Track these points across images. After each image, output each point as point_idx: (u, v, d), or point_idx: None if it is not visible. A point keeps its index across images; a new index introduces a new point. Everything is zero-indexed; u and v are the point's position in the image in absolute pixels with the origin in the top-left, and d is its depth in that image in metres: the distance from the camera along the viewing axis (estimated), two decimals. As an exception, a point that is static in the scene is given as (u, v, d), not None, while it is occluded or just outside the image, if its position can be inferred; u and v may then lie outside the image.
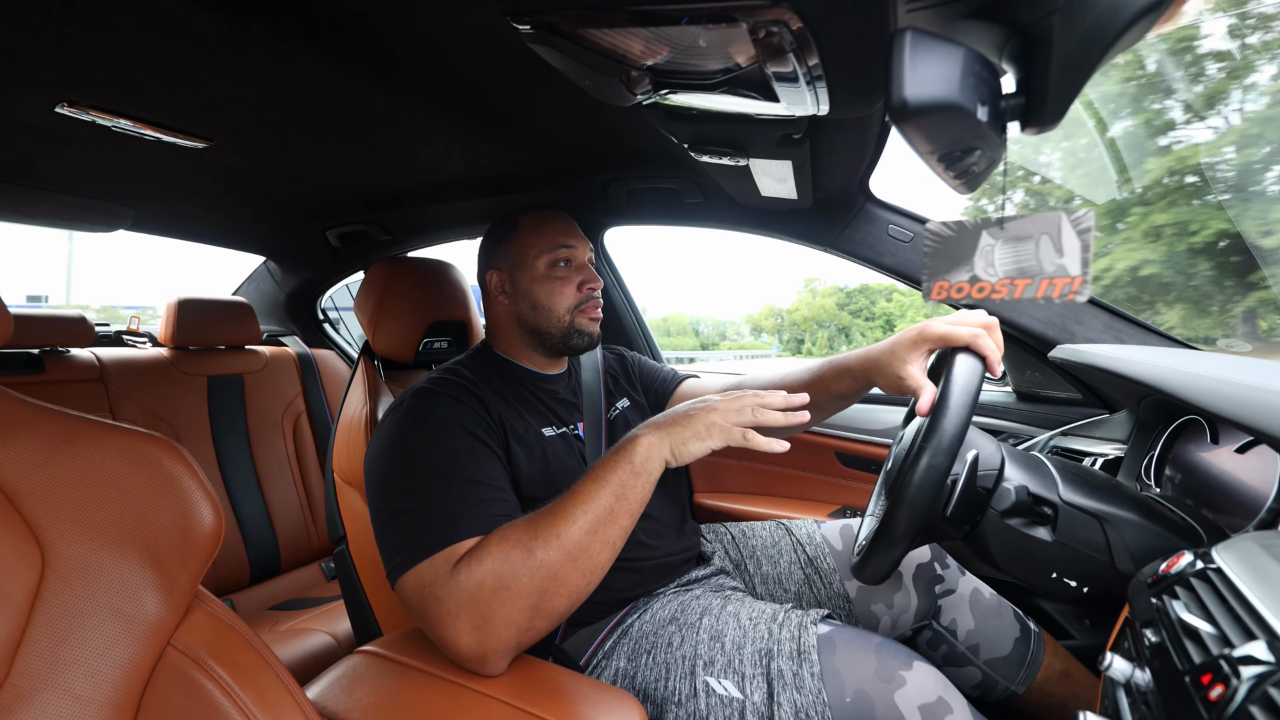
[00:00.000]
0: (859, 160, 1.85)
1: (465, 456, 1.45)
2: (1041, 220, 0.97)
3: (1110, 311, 2.06)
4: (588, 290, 1.77)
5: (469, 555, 1.26)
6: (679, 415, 1.38)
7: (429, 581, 1.26)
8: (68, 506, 0.91)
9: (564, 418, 1.78)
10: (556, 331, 1.76)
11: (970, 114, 0.72)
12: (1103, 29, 0.67)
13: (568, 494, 1.32)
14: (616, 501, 1.29)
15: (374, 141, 1.97)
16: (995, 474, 1.34)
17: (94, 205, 2.45)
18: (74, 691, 0.86)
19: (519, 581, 1.22)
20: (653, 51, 1.11)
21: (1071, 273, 0.96)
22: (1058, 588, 1.31)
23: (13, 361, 2.60)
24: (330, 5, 1.21)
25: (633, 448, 1.34)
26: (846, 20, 0.98)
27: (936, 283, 1.05)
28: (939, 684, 1.32)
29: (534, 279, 1.75)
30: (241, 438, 3.11)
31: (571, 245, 1.77)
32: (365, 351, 2.12)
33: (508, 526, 1.30)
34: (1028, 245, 0.98)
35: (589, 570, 1.27)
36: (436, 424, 1.49)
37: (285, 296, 3.74)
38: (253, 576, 2.94)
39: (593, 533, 1.27)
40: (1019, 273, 0.99)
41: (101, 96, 1.54)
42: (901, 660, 1.34)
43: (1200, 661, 0.81)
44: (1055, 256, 0.96)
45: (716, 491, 2.99)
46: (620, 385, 2.05)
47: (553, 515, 1.28)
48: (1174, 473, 1.61)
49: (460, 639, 1.23)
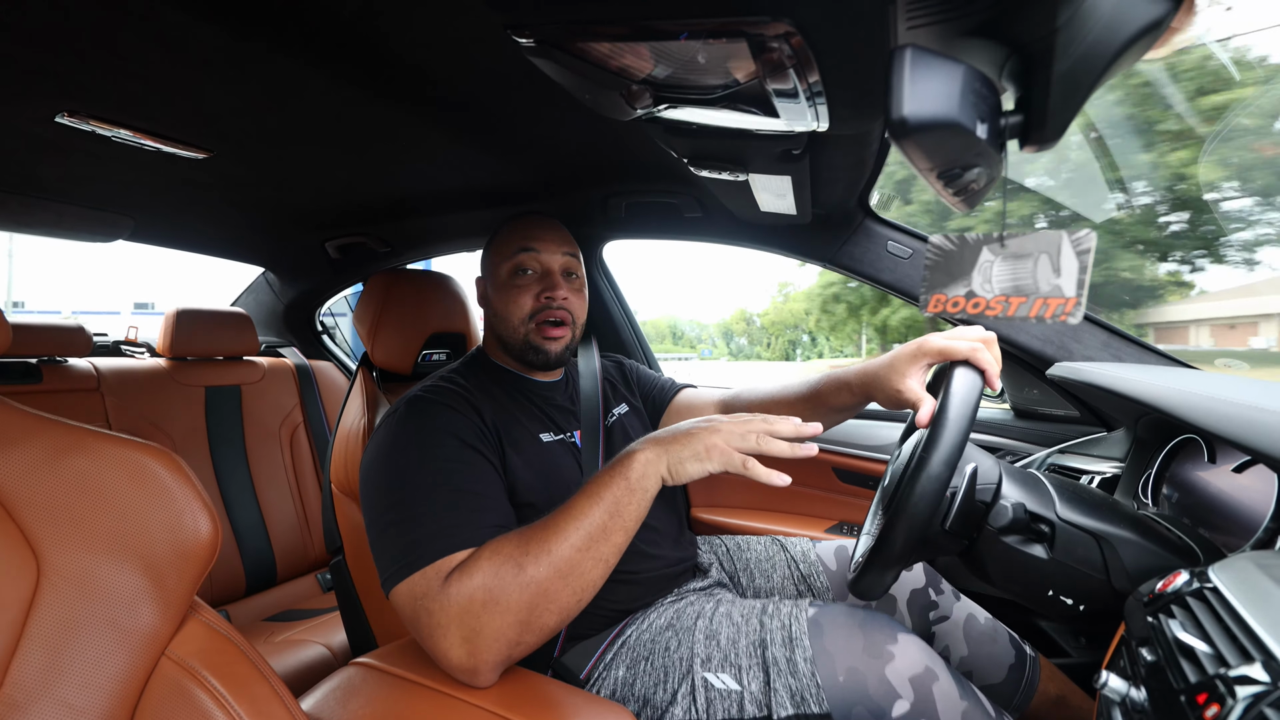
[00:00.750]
0: (858, 176, 1.85)
1: (458, 465, 1.45)
2: (1042, 239, 0.97)
3: (1108, 330, 2.07)
4: (544, 299, 1.72)
5: (461, 568, 1.26)
6: (680, 433, 1.36)
7: (421, 593, 1.26)
8: (64, 516, 0.91)
9: (561, 424, 1.77)
10: (515, 342, 1.74)
11: (969, 131, 0.72)
12: (1102, 48, 0.68)
13: (561, 509, 1.31)
14: (610, 519, 1.28)
15: (373, 153, 1.98)
16: (993, 490, 1.34)
17: (94, 215, 2.45)
18: (68, 702, 0.85)
19: (509, 596, 1.21)
20: (653, 66, 1.11)
21: (1066, 293, 0.96)
22: (1054, 606, 1.31)
23: (10, 370, 2.60)
24: (330, 17, 1.22)
25: (629, 464, 1.32)
26: (847, 37, 0.98)
27: (934, 296, 1.05)
28: (924, 654, 1.35)
29: (497, 286, 1.75)
30: (239, 448, 3.10)
31: (532, 248, 1.72)
32: (364, 363, 2.13)
33: (500, 540, 1.29)
34: (1026, 263, 0.98)
35: (580, 588, 1.27)
36: (429, 432, 1.48)
37: (284, 308, 3.74)
38: (248, 587, 2.94)
39: (585, 550, 1.26)
40: (1014, 290, 0.99)
41: (101, 106, 1.54)
42: (887, 634, 1.36)
43: (1196, 681, 0.81)
44: (1052, 276, 0.97)
45: (713, 505, 2.98)
46: (618, 391, 2.04)
47: (545, 530, 1.27)
48: (1171, 491, 1.61)
49: (451, 651, 1.23)
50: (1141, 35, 0.67)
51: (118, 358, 3.08)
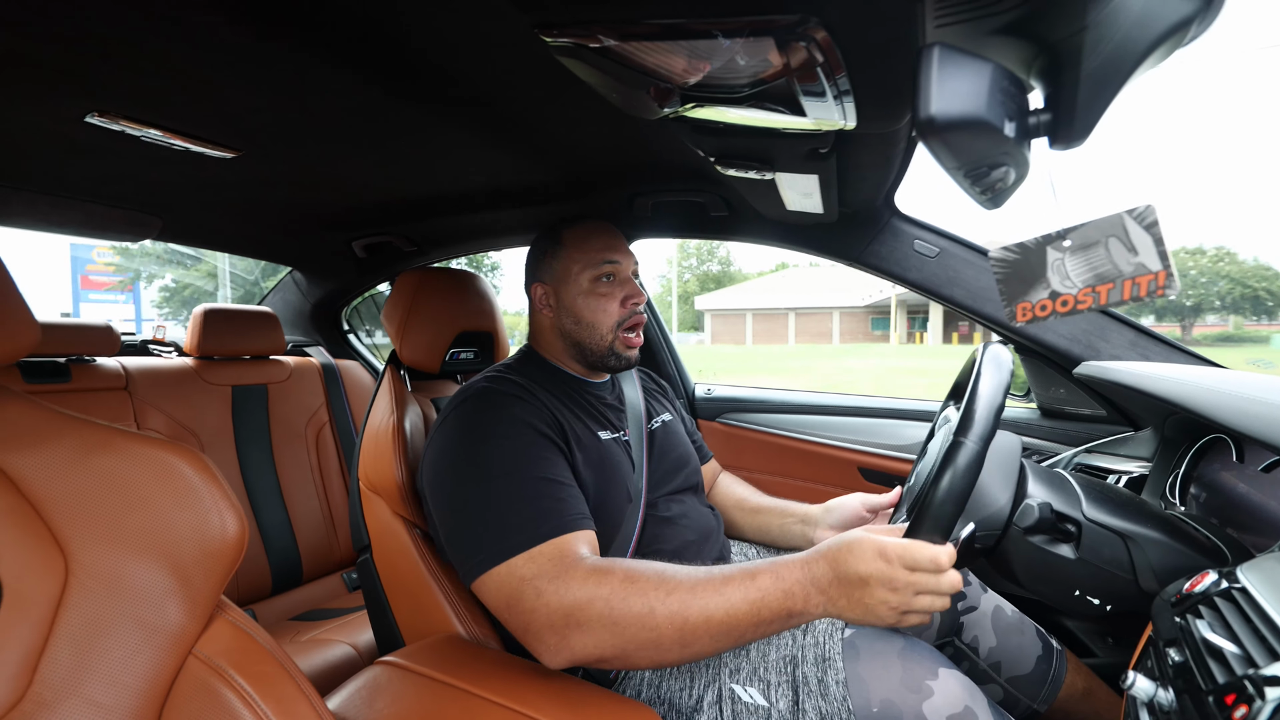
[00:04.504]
0: (885, 175, 1.85)
1: (539, 454, 1.47)
2: (1103, 225, 0.96)
3: (1135, 328, 2.06)
4: (631, 305, 1.78)
5: (590, 569, 1.27)
6: (857, 595, 1.19)
7: (532, 575, 1.28)
8: (92, 515, 0.92)
9: (615, 423, 1.79)
10: (597, 349, 1.77)
11: (998, 130, 0.72)
12: (1131, 46, 0.68)
13: (714, 582, 1.24)
14: (753, 630, 1.23)
15: (400, 153, 1.99)
16: (1018, 492, 1.34)
17: (123, 215, 2.47)
18: (96, 701, 0.86)
19: (626, 628, 1.21)
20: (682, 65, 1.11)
21: (1152, 268, 0.95)
22: (1081, 605, 1.31)
23: (40, 369, 2.61)
24: (355, 17, 1.23)
25: (801, 600, 1.22)
26: (874, 35, 0.98)
27: (1018, 305, 1.04)
28: (965, 692, 1.31)
29: (578, 294, 1.76)
30: (265, 448, 3.12)
31: (616, 260, 1.77)
32: (392, 361, 2.13)
33: (639, 570, 1.27)
34: (1097, 251, 0.97)
35: (687, 656, 1.25)
36: (507, 423, 1.50)
37: (310, 307, 3.75)
38: (274, 587, 2.95)
39: (715, 639, 1.22)
40: (1098, 279, 0.98)
41: (131, 106, 1.55)
42: (927, 667, 1.34)
43: (1224, 681, 0.80)
44: (1129, 256, 0.96)
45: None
46: (660, 401, 2.08)
47: (690, 593, 1.23)
48: (1199, 491, 1.60)
49: (546, 633, 1.25)
50: (1171, 33, 0.67)
51: (145, 357, 3.09)
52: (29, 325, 0.96)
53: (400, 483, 1.73)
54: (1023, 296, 1.04)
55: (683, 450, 1.96)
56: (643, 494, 1.70)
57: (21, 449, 0.92)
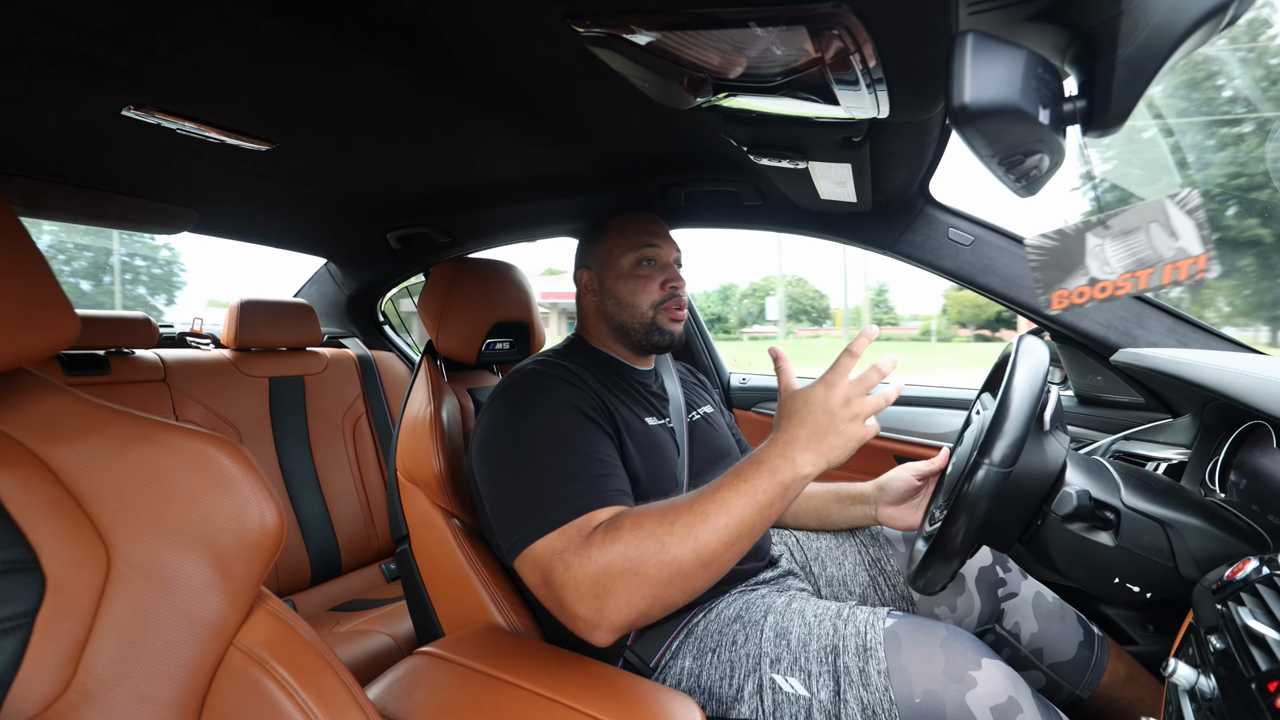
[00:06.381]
0: (919, 163, 1.84)
1: (583, 433, 1.49)
2: (1145, 210, 0.97)
3: (1173, 315, 2.04)
4: (670, 288, 1.83)
5: (604, 532, 1.29)
6: (824, 429, 1.31)
7: (560, 549, 1.29)
8: (133, 507, 0.93)
9: (661, 410, 1.82)
10: (640, 327, 1.82)
11: (1032, 117, 0.72)
12: (1166, 32, 0.67)
13: (707, 494, 1.30)
14: (759, 518, 1.27)
15: (433, 144, 1.99)
16: (1056, 478, 1.33)
17: (159, 207, 2.49)
18: (141, 691, 0.87)
19: (647, 570, 1.23)
20: (714, 54, 1.11)
21: (1193, 252, 0.95)
22: (1120, 593, 1.30)
23: (79, 362, 2.64)
24: (391, 10, 1.23)
25: (786, 467, 1.29)
26: (908, 23, 0.97)
27: (1055, 292, 1.04)
28: (1009, 682, 1.30)
29: (619, 276, 1.83)
30: (302, 439, 3.15)
31: (656, 244, 1.84)
32: (428, 351, 2.15)
33: (642, 513, 1.31)
34: (1139, 236, 0.97)
35: (715, 574, 1.28)
36: (553, 403, 1.53)
37: (346, 298, 3.77)
38: (313, 578, 2.98)
39: (729, 544, 1.26)
40: (1138, 264, 0.98)
41: (167, 99, 1.56)
42: (970, 658, 1.33)
43: (1267, 669, 0.80)
44: (1170, 241, 0.96)
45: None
46: (700, 394, 2.11)
47: (691, 514, 1.27)
48: (1239, 478, 1.59)
49: (579, 605, 1.25)
50: (1208, 17, 0.66)
51: (183, 349, 3.12)
52: (69, 318, 0.96)
53: (438, 473, 1.74)
54: (1060, 284, 1.03)
55: (724, 443, 1.98)
56: (684, 485, 1.73)
57: (63, 441, 0.93)
